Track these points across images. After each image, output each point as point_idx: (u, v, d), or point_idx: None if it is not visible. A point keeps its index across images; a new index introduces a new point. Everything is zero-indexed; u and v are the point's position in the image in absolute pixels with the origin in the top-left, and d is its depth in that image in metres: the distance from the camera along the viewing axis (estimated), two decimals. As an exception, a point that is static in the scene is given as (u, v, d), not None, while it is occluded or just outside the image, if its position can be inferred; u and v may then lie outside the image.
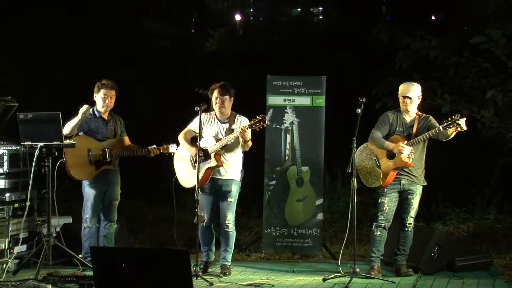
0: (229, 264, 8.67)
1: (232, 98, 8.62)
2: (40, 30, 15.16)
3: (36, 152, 8.39)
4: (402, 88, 8.54)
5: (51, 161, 8.49)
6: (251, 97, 10.75)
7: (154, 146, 8.76)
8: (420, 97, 8.58)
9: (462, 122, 8.06)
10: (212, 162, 8.44)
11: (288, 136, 9.90)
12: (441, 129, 8.16)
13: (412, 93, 8.46)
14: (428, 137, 8.29)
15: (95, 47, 15.68)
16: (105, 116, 8.95)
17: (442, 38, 11.89)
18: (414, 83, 8.58)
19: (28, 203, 8.53)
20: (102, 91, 8.87)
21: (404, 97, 8.48)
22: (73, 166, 8.72)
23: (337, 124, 10.40)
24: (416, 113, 8.56)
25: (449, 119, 8.13)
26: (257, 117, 8.31)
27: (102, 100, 8.87)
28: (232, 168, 8.61)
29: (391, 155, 8.43)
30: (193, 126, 8.69)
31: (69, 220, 9.52)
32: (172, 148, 8.77)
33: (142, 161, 9.72)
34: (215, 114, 8.65)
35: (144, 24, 19.97)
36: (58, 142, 8.40)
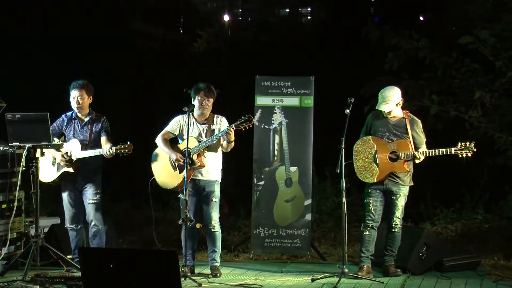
0: (219, 264, 8.70)
1: (214, 100, 8.66)
2: (28, 30, 15.14)
3: (24, 153, 8.42)
4: (379, 98, 8.51)
5: (39, 162, 8.51)
6: (240, 98, 10.78)
7: (107, 147, 8.61)
8: (401, 102, 8.56)
9: (474, 148, 8.24)
10: (196, 163, 8.45)
11: (277, 137, 9.93)
12: (453, 152, 8.26)
13: (388, 105, 8.45)
14: (442, 154, 8.33)
15: (83, 47, 15.65)
16: (81, 117, 8.91)
17: (431, 38, 11.95)
18: (392, 89, 8.52)
19: (16, 204, 8.56)
20: (71, 93, 8.85)
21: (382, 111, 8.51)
22: (41, 170, 8.72)
23: (326, 125, 10.43)
24: (405, 113, 8.57)
25: (463, 144, 8.22)
26: (243, 117, 8.34)
27: (72, 102, 8.85)
28: (213, 169, 8.64)
29: (394, 158, 8.43)
30: (171, 128, 8.72)
31: (57, 220, 9.56)
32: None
33: (128, 163, 9.72)
34: (193, 115, 8.64)
35: (131, 25, 19.94)
36: (46, 143, 8.42)
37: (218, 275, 8.54)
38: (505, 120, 11.20)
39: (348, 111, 8.28)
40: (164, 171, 8.70)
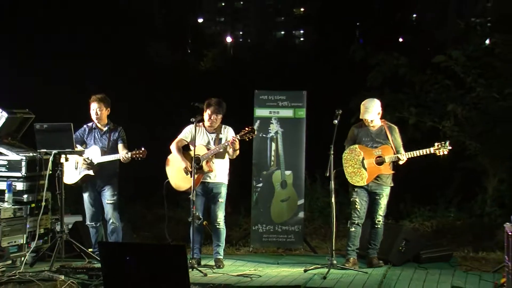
0: (222, 257, 8.67)
1: (223, 114, 8.64)
2: (57, 48, 15.17)
3: (51, 158, 8.44)
4: (361, 109, 8.49)
5: (63, 166, 8.53)
6: (241, 110, 10.78)
7: (124, 152, 8.64)
8: (380, 112, 8.53)
9: (449, 146, 8.21)
10: (205, 168, 8.46)
11: (273, 144, 9.92)
12: (432, 151, 8.22)
13: (370, 114, 8.45)
14: (421, 155, 8.31)
15: (105, 65, 15.68)
16: (100, 127, 8.91)
17: (409, 57, 11.98)
18: (372, 101, 8.51)
19: (43, 203, 8.57)
20: (91, 106, 8.87)
21: (365, 119, 8.50)
22: (65, 173, 8.70)
23: (317, 133, 10.42)
24: (383, 122, 8.57)
25: (439, 144, 8.21)
26: (246, 129, 8.36)
27: (92, 113, 8.86)
28: (220, 173, 8.61)
29: (380, 162, 8.42)
30: (184, 135, 8.69)
31: (79, 218, 9.56)
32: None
33: (142, 169, 9.70)
34: (204, 125, 8.65)
35: (146, 46, 20.02)
36: (69, 149, 8.44)
37: (221, 266, 8.52)
38: (475, 129, 11.23)
39: (336, 121, 8.26)
40: (178, 175, 8.68)
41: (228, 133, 8.60)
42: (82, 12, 16.72)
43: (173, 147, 8.69)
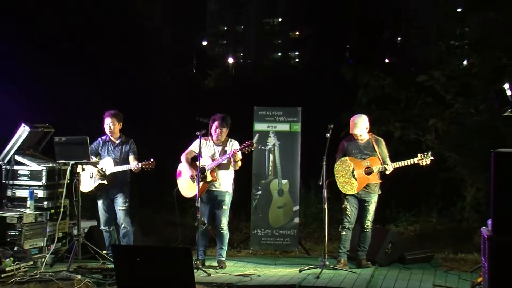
0: (224, 259, 8.68)
1: (228, 128, 8.67)
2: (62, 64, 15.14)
3: (69, 168, 8.47)
4: (351, 124, 8.52)
5: (80, 176, 8.55)
6: (241, 124, 10.81)
7: (135, 163, 8.66)
8: (368, 126, 8.55)
9: (431, 157, 8.22)
10: (208, 177, 8.49)
11: (271, 155, 9.95)
12: (416, 162, 8.23)
13: (359, 129, 8.47)
14: (406, 165, 8.32)
15: (121, 85, 15.69)
16: (113, 140, 8.94)
17: (394, 77, 12.02)
18: (361, 117, 8.53)
19: (62, 209, 8.60)
20: (105, 120, 8.90)
21: (355, 134, 8.53)
22: (81, 182, 8.72)
23: (311, 146, 10.44)
24: (370, 135, 8.60)
25: (422, 155, 8.22)
26: (246, 143, 8.40)
27: (105, 127, 8.89)
28: (225, 182, 8.63)
29: (369, 172, 8.45)
30: (193, 147, 8.72)
31: (94, 223, 9.57)
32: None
33: (150, 178, 9.71)
34: (212, 139, 8.69)
35: (157, 66, 20.07)
36: (85, 161, 8.48)
37: (223, 267, 8.53)
38: (454, 142, 11.25)
39: (328, 135, 8.30)
40: (186, 184, 8.72)
41: (233, 146, 8.62)
42: (86, 23, 16.68)
43: (183, 157, 8.74)
